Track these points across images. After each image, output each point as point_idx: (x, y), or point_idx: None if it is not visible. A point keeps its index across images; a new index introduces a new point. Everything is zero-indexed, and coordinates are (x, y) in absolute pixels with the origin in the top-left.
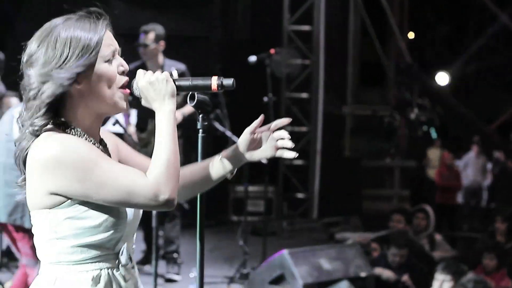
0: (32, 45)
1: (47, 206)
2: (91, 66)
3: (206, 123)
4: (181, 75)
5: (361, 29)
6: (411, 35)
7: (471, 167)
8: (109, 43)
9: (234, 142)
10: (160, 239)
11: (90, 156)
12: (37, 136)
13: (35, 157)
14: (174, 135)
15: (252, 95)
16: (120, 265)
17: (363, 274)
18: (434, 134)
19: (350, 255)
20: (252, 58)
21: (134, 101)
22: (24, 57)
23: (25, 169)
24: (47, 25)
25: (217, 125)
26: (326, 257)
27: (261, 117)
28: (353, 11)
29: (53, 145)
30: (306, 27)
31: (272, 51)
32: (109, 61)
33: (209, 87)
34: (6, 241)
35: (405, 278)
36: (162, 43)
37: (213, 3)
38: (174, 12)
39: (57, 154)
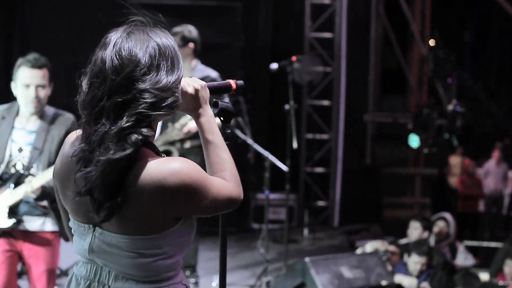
0: (128, 61)
1: (159, 230)
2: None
3: (228, 131)
4: (211, 81)
5: (383, 36)
6: (432, 42)
7: (492, 175)
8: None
9: (255, 150)
10: None
11: (201, 175)
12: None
13: (160, 182)
14: (222, 136)
15: (274, 103)
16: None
17: (384, 283)
18: (455, 142)
19: (371, 264)
20: (274, 66)
21: None
22: (117, 72)
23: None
24: (136, 37)
25: (238, 132)
26: (347, 265)
27: None
28: (375, 18)
29: (176, 171)
30: (327, 34)
31: (294, 58)
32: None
33: (229, 88)
34: None
35: (425, 285)
36: (191, 45)
37: (235, 11)
38: (197, 19)
39: (187, 177)
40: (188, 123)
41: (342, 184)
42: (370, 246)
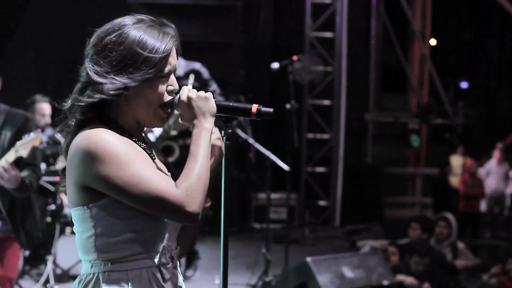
0: (96, 37)
1: (85, 201)
2: (146, 80)
3: (230, 130)
4: (196, 73)
5: (383, 35)
6: (433, 41)
7: (493, 174)
8: (170, 61)
9: (256, 149)
10: None
11: (127, 155)
12: (80, 128)
13: (74, 149)
14: (208, 152)
15: (274, 102)
16: (160, 264)
17: (385, 282)
18: (456, 141)
19: (373, 263)
20: (275, 65)
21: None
22: (87, 47)
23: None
24: (117, 21)
25: (239, 132)
26: (349, 265)
27: None
28: (375, 17)
29: (92, 139)
30: (328, 34)
31: (295, 57)
32: (163, 77)
33: (248, 112)
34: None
35: (427, 286)
36: None
37: (236, 10)
38: (198, 19)
39: (95, 147)
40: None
41: (343, 184)
42: (368, 247)
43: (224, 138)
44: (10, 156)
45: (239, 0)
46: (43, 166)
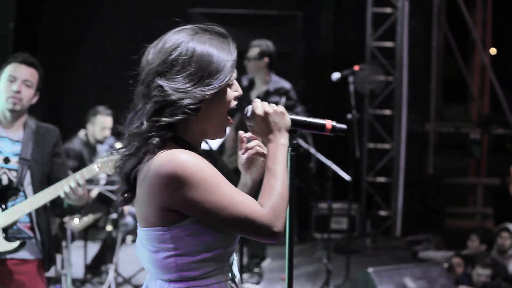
0: (161, 54)
1: (166, 223)
2: (222, 89)
3: (295, 141)
4: (286, 93)
5: (444, 45)
6: (493, 50)
7: None
8: (234, 69)
9: (317, 159)
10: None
11: (214, 179)
12: (157, 149)
13: (157, 172)
14: (285, 168)
15: (334, 112)
16: (233, 277)
17: None
18: None
19: (435, 274)
20: (336, 75)
21: None
22: (150, 64)
23: (130, 183)
24: (175, 35)
25: (300, 141)
26: (411, 276)
27: (240, 135)
28: (436, 27)
29: (178, 162)
30: (389, 43)
31: (356, 67)
32: (230, 85)
33: (323, 128)
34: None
35: None
36: (265, 60)
37: (296, 20)
38: (257, 28)
39: (182, 171)
40: None
41: (404, 194)
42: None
43: (289, 149)
44: (89, 172)
45: (300, 10)
46: (102, 175)
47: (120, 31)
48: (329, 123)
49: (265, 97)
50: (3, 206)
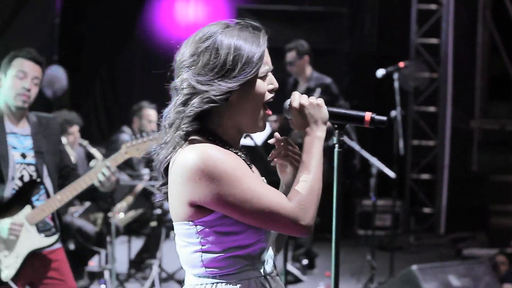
0: (190, 47)
1: (191, 217)
2: (248, 81)
3: (342, 138)
4: (326, 88)
5: (489, 41)
6: None
7: None
8: (266, 61)
9: (360, 156)
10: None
11: (237, 171)
12: (183, 142)
13: (181, 166)
14: (320, 162)
15: (379, 109)
16: (266, 273)
17: None
18: None
19: (479, 272)
20: (381, 72)
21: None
22: (180, 58)
23: (165, 175)
24: (205, 29)
25: (345, 138)
26: (455, 273)
27: (274, 139)
28: (481, 24)
29: (201, 156)
30: (433, 40)
31: (401, 64)
32: (263, 77)
33: (361, 120)
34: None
35: None
36: (306, 58)
37: (341, 16)
38: (303, 25)
39: (205, 165)
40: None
41: (448, 191)
42: None
43: (336, 145)
44: (118, 157)
45: (345, 6)
46: (146, 171)
47: (165, 26)
48: (368, 115)
49: (307, 93)
50: (33, 204)
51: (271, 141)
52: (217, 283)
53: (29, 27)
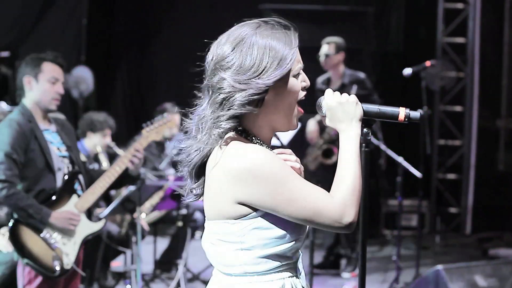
0: (225, 47)
1: (233, 216)
2: (283, 78)
3: (369, 137)
4: (361, 83)
5: None
6: None
7: None
8: (299, 59)
9: (387, 155)
10: None
11: (283, 171)
12: (221, 141)
13: (227, 166)
14: (358, 159)
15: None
16: (299, 273)
17: None
18: None
19: (506, 272)
20: (408, 71)
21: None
22: (215, 58)
23: (199, 174)
24: (238, 29)
25: (371, 138)
26: (482, 274)
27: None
28: (508, 23)
29: (248, 156)
30: (460, 39)
31: (428, 63)
32: (296, 75)
33: (396, 116)
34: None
35: None
36: (342, 54)
37: (367, 16)
38: (329, 24)
39: (252, 165)
40: None
41: (475, 191)
42: None
43: (363, 145)
44: (144, 141)
45: (371, 5)
46: (172, 171)
47: (191, 27)
48: (402, 111)
49: (341, 90)
50: (77, 193)
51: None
52: (254, 282)
53: (56, 27)
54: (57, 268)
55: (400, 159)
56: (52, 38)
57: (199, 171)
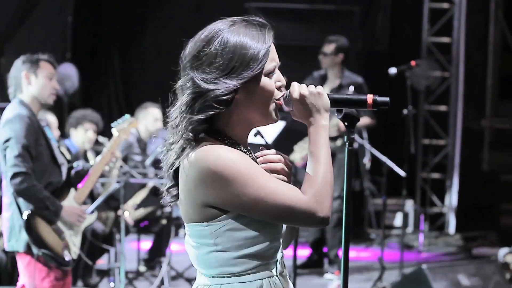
0: (197, 45)
1: (204, 219)
2: (254, 78)
3: (352, 136)
4: (358, 87)
5: (501, 41)
6: None
7: None
8: (273, 57)
9: (371, 154)
10: None
11: (249, 171)
12: (192, 143)
13: (192, 168)
14: (328, 151)
15: (391, 107)
16: (278, 273)
17: None
18: None
19: (489, 272)
20: (393, 70)
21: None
22: (187, 56)
23: (174, 177)
24: (211, 28)
25: (355, 136)
26: (465, 272)
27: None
28: (494, 23)
29: (211, 157)
30: (445, 39)
31: (413, 63)
32: (269, 74)
33: (364, 102)
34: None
35: None
36: (341, 56)
37: (353, 15)
38: (314, 23)
39: (216, 166)
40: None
41: (459, 191)
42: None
43: (347, 143)
44: (118, 140)
45: (357, 5)
46: (152, 169)
47: (178, 25)
48: (370, 97)
49: (338, 91)
50: (78, 185)
51: (257, 154)
52: (232, 283)
53: (43, 24)
54: (67, 258)
55: (384, 158)
56: (38, 34)
57: (175, 172)
